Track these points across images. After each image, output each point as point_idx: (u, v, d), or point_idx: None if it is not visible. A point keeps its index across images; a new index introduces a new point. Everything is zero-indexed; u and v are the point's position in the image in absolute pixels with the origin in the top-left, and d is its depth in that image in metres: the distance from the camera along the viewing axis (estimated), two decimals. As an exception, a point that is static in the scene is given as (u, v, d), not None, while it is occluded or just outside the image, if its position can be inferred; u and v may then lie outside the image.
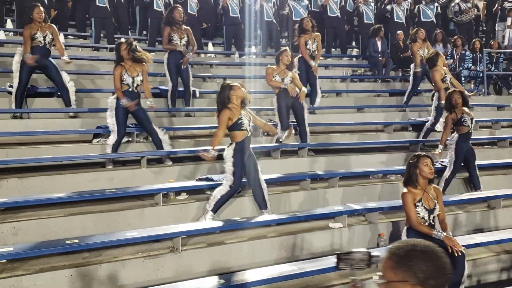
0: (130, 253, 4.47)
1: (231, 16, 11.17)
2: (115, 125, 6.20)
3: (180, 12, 7.82)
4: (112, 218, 5.13)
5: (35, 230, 4.79)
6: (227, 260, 4.78)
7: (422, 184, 4.64)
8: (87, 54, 10.11)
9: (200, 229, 4.90)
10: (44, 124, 6.88)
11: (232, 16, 11.17)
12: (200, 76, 9.65)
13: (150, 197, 5.49)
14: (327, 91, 9.64)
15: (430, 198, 4.66)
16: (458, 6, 12.78)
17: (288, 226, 5.31)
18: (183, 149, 6.76)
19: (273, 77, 7.01)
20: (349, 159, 7.29)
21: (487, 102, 10.46)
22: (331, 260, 4.51)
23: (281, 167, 6.74)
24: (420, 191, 4.63)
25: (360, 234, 5.47)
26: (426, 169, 4.59)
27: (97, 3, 10.17)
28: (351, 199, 6.14)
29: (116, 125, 6.20)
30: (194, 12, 10.95)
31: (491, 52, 11.36)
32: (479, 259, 5.24)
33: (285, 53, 7.05)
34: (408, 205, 4.61)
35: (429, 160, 4.66)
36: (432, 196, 4.68)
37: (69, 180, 5.74)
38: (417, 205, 4.61)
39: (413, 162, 4.68)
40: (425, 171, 4.59)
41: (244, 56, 11.14)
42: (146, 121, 6.42)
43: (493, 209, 6.26)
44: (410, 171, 4.66)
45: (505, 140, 8.40)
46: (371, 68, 11.47)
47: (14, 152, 6.14)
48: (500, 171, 7.49)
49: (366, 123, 8.72)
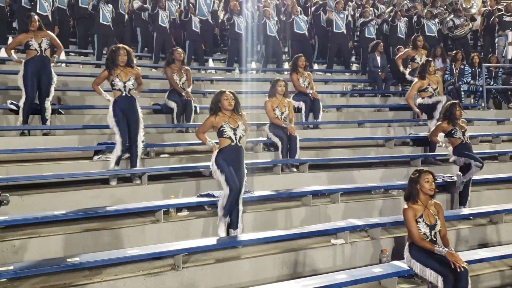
0: (131, 271, 4.44)
1: (236, 31, 11.38)
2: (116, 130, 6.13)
3: (180, 53, 8.21)
4: (112, 236, 5.10)
5: (36, 248, 4.76)
6: (228, 277, 4.74)
7: (423, 200, 4.65)
8: (89, 71, 10.17)
9: (201, 246, 4.86)
10: (45, 141, 6.89)
11: (237, 32, 11.38)
12: (201, 92, 9.71)
13: (151, 214, 5.46)
14: (327, 106, 9.67)
15: (431, 214, 4.67)
16: (452, 21, 12.95)
17: (290, 242, 5.28)
18: (184, 165, 6.76)
19: (273, 110, 7.17)
20: (350, 174, 7.27)
21: (487, 116, 10.48)
22: (334, 277, 4.49)
23: (282, 183, 6.73)
24: (421, 207, 4.65)
25: (363, 250, 5.44)
26: (427, 186, 4.61)
27: (100, 21, 10.30)
28: (353, 214, 6.12)
29: (118, 130, 6.11)
30: (198, 30, 11.25)
31: (490, 67, 11.41)
32: (482, 275, 5.20)
33: (278, 83, 7.24)
34: (409, 220, 4.61)
35: (431, 176, 4.66)
36: (433, 212, 4.69)
37: (70, 197, 5.72)
38: (418, 221, 4.60)
39: (414, 177, 4.69)
40: (425, 187, 4.61)
41: (244, 72, 11.23)
42: (134, 131, 6.29)
43: (495, 224, 6.24)
44: (411, 187, 4.68)
45: (505, 154, 8.40)
46: (371, 83, 11.52)
47: (14, 169, 6.12)
48: (501, 185, 7.48)
49: (367, 138, 8.74)
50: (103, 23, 10.38)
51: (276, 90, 7.21)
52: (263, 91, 8.86)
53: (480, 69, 11.17)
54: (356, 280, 4.47)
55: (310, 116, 8.75)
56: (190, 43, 11.26)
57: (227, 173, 5.13)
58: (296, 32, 11.78)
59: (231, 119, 5.22)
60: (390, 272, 4.68)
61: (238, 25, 11.35)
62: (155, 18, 11.06)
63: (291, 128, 7.15)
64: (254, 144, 7.51)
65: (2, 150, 6.45)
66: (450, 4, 14.32)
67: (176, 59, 8.11)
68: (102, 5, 10.38)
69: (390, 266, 4.83)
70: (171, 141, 7.51)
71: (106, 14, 10.40)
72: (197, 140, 7.56)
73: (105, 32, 10.44)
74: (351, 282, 4.43)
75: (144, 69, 10.98)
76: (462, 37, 13.05)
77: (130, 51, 6.28)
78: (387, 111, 10.46)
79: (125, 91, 6.15)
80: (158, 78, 9.75)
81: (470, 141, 6.70)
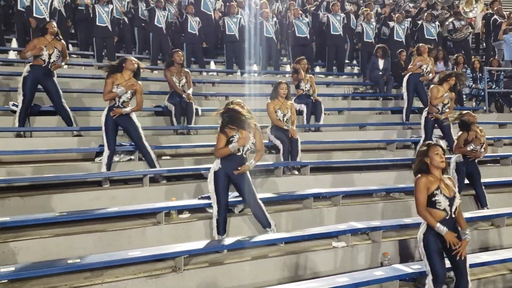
0: (132, 273, 4.43)
1: (227, 34, 11.35)
2: (105, 138, 6.26)
3: (180, 55, 8.17)
4: (114, 237, 5.09)
5: (37, 250, 4.75)
6: (229, 280, 4.74)
7: (437, 174, 4.24)
8: (89, 72, 10.18)
9: (202, 248, 4.86)
10: (46, 142, 6.89)
11: (228, 34, 11.34)
12: (202, 94, 9.71)
13: (152, 216, 5.46)
14: (329, 109, 9.66)
15: (448, 186, 4.26)
16: (453, 24, 12.97)
17: (291, 245, 5.27)
18: (185, 167, 6.76)
19: (275, 112, 7.15)
20: (351, 177, 7.27)
21: (489, 120, 10.47)
22: (335, 280, 4.48)
23: (283, 185, 6.73)
24: (436, 179, 4.23)
25: (364, 253, 5.43)
26: (437, 158, 4.21)
27: (97, 23, 10.30)
28: (354, 217, 6.11)
29: (106, 139, 6.24)
30: (195, 31, 11.14)
31: (491, 70, 11.41)
32: (483, 279, 5.18)
33: (280, 86, 7.23)
34: (419, 188, 4.18)
35: (440, 149, 4.29)
36: (450, 184, 4.28)
37: (71, 199, 5.73)
38: (436, 194, 4.17)
39: (423, 151, 4.32)
40: (436, 159, 4.21)
41: (246, 74, 11.22)
42: (136, 136, 6.44)
43: (497, 228, 6.23)
44: (420, 161, 4.29)
45: (507, 158, 8.38)
46: (372, 86, 11.52)
47: (16, 171, 6.13)
48: (503, 189, 7.45)
49: (368, 141, 8.73)
50: (100, 25, 10.35)
51: (278, 92, 7.22)
52: (265, 94, 8.87)
53: (481, 73, 11.17)
54: (357, 283, 4.46)
55: (312, 119, 8.77)
56: (188, 46, 11.14)
57: (220, 186, 5.19)
58: (298, 36, 11.71)
59: (240, 132, 5.15)
60: (392, 276, 4.66)
61: (230, 27, 11.28)
62: (152, 17, 10.99)
63: (292, 130, 7.14)
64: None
65: (2, 151, 6.46)
66: (450, 7, 14.33)
67: (176, 61, 8.09)
68: (99, 7, 10.35)
69: (392, 269, 4.82)
70: (173, 143, 7.51)
71: (102, 16, 10.36)
72: (198, 142, 7.68)
73: (104, 34, 10.42)
74: (352, 285, 4.42)
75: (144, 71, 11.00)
76: (462, 40, 13.06)
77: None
78: (388, 114, 10.45)
79: (119, 102, 6.28)
80: (158, 80, 9.76)
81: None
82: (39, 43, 7.02)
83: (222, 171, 5.19)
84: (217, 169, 5.21)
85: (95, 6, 10.37)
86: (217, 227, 5.25)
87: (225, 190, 5.24)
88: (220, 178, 5.20)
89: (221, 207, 5.23)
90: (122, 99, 6.28)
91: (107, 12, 10.43)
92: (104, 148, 6.31)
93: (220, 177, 5.20)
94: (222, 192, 5.22)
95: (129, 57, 6.55)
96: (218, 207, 5.23)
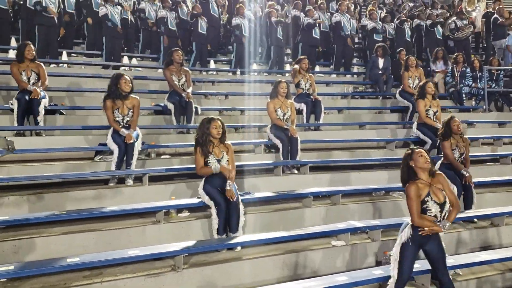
0: (131, 271, 4.44)
1: (243, 34, 11.36)
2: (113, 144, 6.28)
3: (180, 54, 8.16)
4: (113, 236, 5.10)
5: (36, 248, 4.76)
6: (228, 279, 4.75)
7: (425, 178, 4.24)
8: (91, 71, 10.18)
9: (201, 247, 4.88)
10: (46, 141, 6.89)
11: (244, 35, 11.38)
12: (202, 93, 9.71)
13: (151, 215, 5.47)
14: (328, 108, 9.66)
15: (438, 190, 4.24)
16: (455, 23, 12.96)
17: (290, 244, 5.28)
18: (185, 166, 6.75)
19: (275, 111, 7.16)
20: (351, 176, 7.27)
21: (489, 119, 10.47)
22: (334, 279, 4.49)
23: (283, 184, 6.73)
24: (425, 185, 4.22)
25: (363, 252, 5.44)
26: (421, 159, 4.23)
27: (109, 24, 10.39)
28: (354, 216, 6.12)
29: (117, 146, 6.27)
30: (204, 32, 11.24)
31: (491, 69, 11.41)
32: (483, 277, 5.19)
33: (280, 85, 7.26)
34: (410, 196, 4.17)
35: (423, 151, 4.33)
36: (439, 188, 4.26)
37: (70, 198, 5.73)
38: (427, 200, 4.17)
39: (406, 155, 4.35)
40: (420, 161, 4.23)
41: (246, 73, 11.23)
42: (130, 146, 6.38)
43: (496, 227, 6.24)
44: (405, 167, 4.31)
45: (507, 157, 8.38)
46: (372, 85, 11.52)
47: (16, 170, 6.13)
48: (502, 188, 7.46)
49: (368, 140, 8.74)
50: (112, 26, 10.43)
51: (278, 91, 7.23)
52: (265, 93, 8.87)
53: (481, 72, 11.18)
54: (357, 282, 4.47)
55: (312, 118, 8.77)
56: (197, 45, 11.22)
57: (216, 195, 5.28)
58: (313, 37, 11.88)
59: (216, 149, 5.32)
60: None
61: (244, 28, 11.35)
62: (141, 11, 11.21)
63: (292, 129, 7.15)
64: (255, 146, 7.52)
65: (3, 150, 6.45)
66: (450, 7, 14.33)
67: (176, 61, 8.08)
68: (110, 7, 10.40)
69: (391, 268, 4.81)
70: (172, 142, 7.51)
71: (115, 17, 10.44)
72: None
73: (113, 35, 10.52)
74: (351, 284, 4.43)
75: (145, 70, 11.02)
76: (463, 39, 13.08)
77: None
78: (388, 113, 10.46)
79: (123, 123, 6.31)
80: (157, 79, 9.75)
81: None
82: (18, 69, 7.02)
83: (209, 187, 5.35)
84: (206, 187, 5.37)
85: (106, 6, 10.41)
86: (217, 228, 5.26)
87: (218, 192, 5.31)
88: (211, 183, 5.34)
89: (220, 208, 5.24)
90: (126, 120, 6.34)
91: (118, 13, 10.52)
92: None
93: (211, 183, 5.34)
94: (216, 195, 5.29)
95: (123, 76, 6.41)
96: (217, 210, 5.25)
